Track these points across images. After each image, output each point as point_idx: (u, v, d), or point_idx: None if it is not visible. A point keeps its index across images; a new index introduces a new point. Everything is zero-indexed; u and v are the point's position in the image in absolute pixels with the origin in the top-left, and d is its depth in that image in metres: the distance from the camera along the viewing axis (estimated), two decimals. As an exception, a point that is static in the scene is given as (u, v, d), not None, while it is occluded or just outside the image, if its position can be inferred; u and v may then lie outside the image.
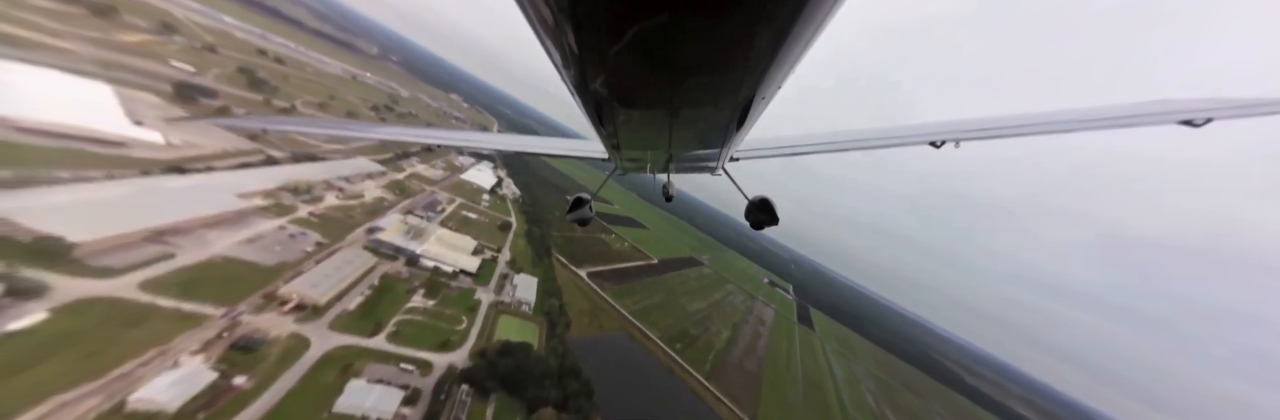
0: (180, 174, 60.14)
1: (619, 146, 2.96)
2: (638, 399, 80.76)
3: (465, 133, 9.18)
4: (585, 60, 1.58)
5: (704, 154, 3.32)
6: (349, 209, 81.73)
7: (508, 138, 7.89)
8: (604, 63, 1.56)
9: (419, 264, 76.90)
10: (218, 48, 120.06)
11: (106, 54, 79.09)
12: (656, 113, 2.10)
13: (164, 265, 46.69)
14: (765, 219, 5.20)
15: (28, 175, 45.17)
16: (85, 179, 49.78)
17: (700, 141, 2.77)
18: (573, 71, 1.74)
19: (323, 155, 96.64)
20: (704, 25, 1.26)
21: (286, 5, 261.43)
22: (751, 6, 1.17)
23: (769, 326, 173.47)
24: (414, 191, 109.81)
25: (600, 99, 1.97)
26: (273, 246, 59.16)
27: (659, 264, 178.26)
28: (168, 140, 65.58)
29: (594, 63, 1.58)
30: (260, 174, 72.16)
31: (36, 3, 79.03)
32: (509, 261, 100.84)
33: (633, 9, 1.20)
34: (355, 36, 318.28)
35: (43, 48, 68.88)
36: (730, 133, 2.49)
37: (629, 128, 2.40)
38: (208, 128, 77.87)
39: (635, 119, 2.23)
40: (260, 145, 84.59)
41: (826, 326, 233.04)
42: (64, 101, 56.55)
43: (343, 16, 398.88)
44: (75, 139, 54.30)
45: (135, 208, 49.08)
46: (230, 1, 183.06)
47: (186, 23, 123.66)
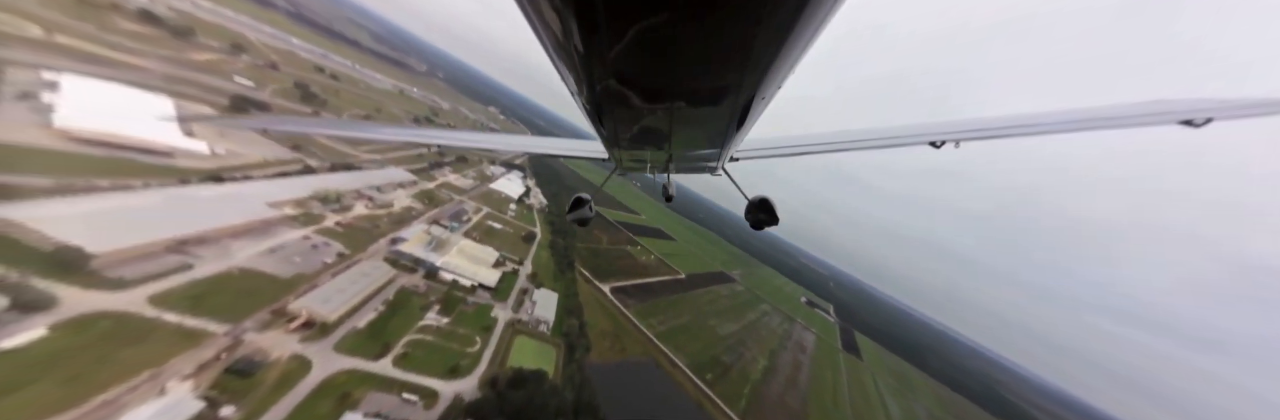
0: (217, 183, 60.95)
1: (619, 146, 2.94)
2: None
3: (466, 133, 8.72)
4: (585, 60, 1.57)
5: (704, 154, 3.29)
6: (376, 218, 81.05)
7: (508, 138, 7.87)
8: (604, 62, 1.55)
9: (438, 277, 73.65)
10: (280, 65, 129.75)
11: (176, 70, 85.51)
12: (656, 112, 2.09)
13: (180, 277, 45.30)
14: (765, 219, 5.06)
15: (67, 184, 45.98)
16: (124, 188, 50.55)
17: (700, 141, 2.74)
18: (572, 71, 1.73)
19: (359, 165, 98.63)
20: (704, 25, 1.26)
21: (350, 28, 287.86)
22: (751, 6, 1.17)
23: (810, 354, 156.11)
24: (443, 201, 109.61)
25: (600, 99, 1.95)
26: (293, 258, 57.64)
27: (687, 279, 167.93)
28: (213, 150, 67.70)
29: (594, 62, 1.57)
30: (295, 183, 72.93)
31: (125, 27, 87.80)
32: (530, 275, 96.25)
33: (632, 8, 1.20)
34: (406, 55, 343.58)
35: (120, 65, 75.05)
36: (730, 133, 2.49)
37: (629, 127, 2.38)
38: (253, 138, 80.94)
39: (635, 119, 2.21)
40: (301, 155, 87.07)
41: (876, 355, 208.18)
42: (124, 113, 59.47)
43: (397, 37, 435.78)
44: (125, 149, 56.29)
45: (164, 217, 48.83)
46: (298, 25, 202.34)
47: (256, 44, 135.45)
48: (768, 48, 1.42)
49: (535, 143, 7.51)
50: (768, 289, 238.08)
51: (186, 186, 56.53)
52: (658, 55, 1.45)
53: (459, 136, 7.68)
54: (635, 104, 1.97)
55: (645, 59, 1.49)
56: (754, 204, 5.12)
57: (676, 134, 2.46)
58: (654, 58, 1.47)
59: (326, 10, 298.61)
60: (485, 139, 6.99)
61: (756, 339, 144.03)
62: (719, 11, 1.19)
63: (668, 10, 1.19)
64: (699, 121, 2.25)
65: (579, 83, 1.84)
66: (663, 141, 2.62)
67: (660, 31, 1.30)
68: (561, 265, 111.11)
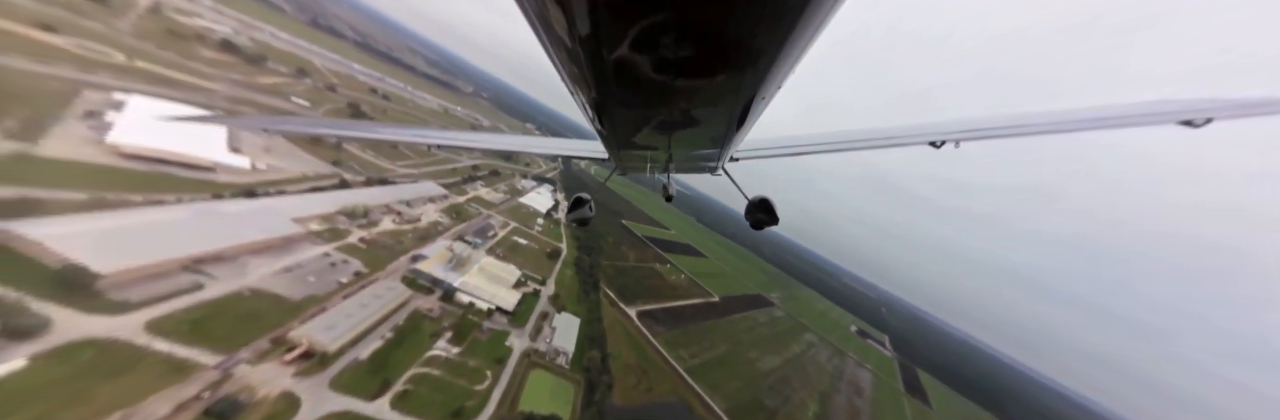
0: (249, 198, 60.85)
1: (619, 146, 2.91)
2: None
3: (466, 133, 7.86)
4: (585, 60, 1.57)
5: (704, 154, 3.28)
6: (401, 234, 78.98)
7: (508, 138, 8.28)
8: (604, 63, 1.54)
9: (454, 299, 68.62)
10: (338, 88, 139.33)
11: (240, 92, 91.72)
12: (657, 113, 2.09)
13: (186, 298, 42.75)
14: (765, 219, 5.05)
15: (100, 199, 46.03)
16: (155, 203, 50.49)
17: (700, 141, 2.74)
18: (572, 71, 1.73)
19: (394, 179, 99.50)
20: (704, 25, 1.26)
21: (407, 55, 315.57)
22: (751, 7, 1.16)
23: (869, 398, 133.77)
24: (470, 215, 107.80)
25: (600, 99, 1.96)
26: (308, 277, 54.81)
27: (721, 303, 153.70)
28: (254, 165, 69.03)
29: (594, 62, 1.57)
30: (327, 198, 72.64)
31: (204, 54, 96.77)
32: (552, 297, 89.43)
33: (632, 9, 1.20)
34: (455, 78, 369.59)
35: (189, 87, 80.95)
36: (730, 133, 2.50)
37: (629, 127, 2.38)
38: (296, 153, 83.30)
39: (635, 119, 2.22)
40: (339, 170, 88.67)
41: (947, 400, 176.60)
42: (178, 131, 61.92)
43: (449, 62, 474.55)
44: (169, 164, 57.61)
45: (187, 233, 47.61)
46: (362, 53, 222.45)
47: (320, 69, 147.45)
48: (768, 48, 1.42)
49: (535, 143, 7.58)
50: (811, 315, 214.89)
51: (218, 201, 56.35)
52: (657, 56, 1.44)
53: (459, 137, 7.45)
54: (635, 104, 1.95)
55: (645, 59, 1.48)
56: (754, 204, 5.04)
57: (676, 134, 2.44)
58: (654, 58, 1.46)
59: (388, 40, 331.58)
60: (485, 139, 6.90)
61: (803, 377, 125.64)
62: (719, 12, 1.19)
63: (667, 11, 1.19)
64: (699, 122, 2.22)
65: (579, 83, 1.83)
66: (663, 141, 2.60)
67: (660, 32, 1.29)
68: (586, 285, 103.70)
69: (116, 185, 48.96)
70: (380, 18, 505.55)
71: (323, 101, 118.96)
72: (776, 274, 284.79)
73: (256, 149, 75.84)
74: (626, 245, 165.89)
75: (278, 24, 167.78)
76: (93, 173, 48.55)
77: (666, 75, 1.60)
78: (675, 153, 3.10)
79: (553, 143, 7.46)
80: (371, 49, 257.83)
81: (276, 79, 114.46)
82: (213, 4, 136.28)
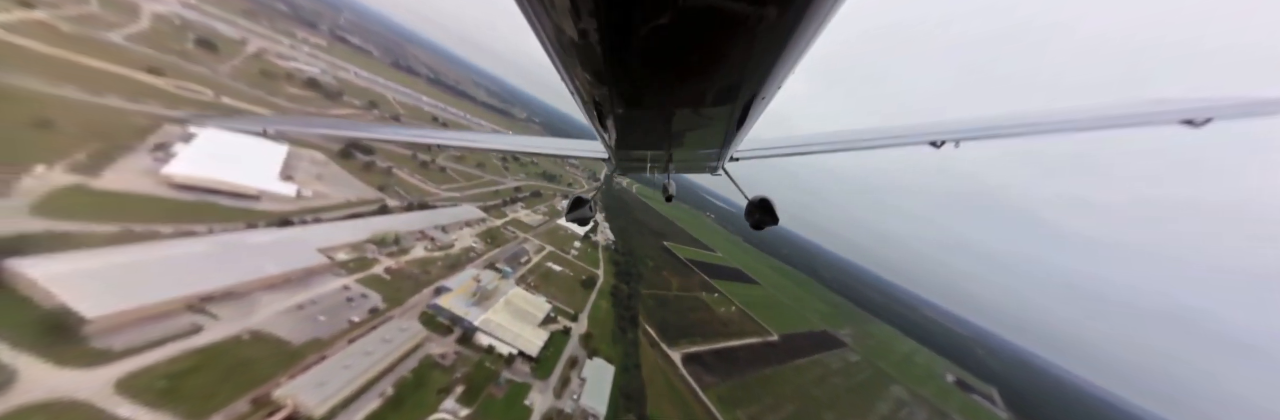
0: (280, 227, 59.01)
1: (619, 146, 2.96)
2: None
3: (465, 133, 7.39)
4: (585, 60, 1.56)
5: (704, 154, 3.30)
6: (430, 262, 73.99)
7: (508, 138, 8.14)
8: (604, 63, 1.53)
9: (473, 341, 59.70)
10: (402, 117, 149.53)
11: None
12: (656, 113, 2.09)
13: (176, 345, 37.84)
14: (765, 219, 4.98)
15: (128, 231, 44.75)
16: (185, 234, 48.95)
17: (700, 141, 2.75)
18: (572, 71, 1.73)
19: (435, 203, 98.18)
20: (704, 25, 1.24)
21: (470, 87, 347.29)
22: (751, 6, 1.16)
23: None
24: (506, 240, 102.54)
25: (600, 99, 1.96)
26: (318, 316, 49.27)
27: (782, 343, 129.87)
28: (299, 193, 69.04)
29: (593, 62, 1.56)
30: (361, 225, 70.22)
31: (289, 91, 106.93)
32: (583, 336, 77.56)
33: (632, 9, 1.19)
34: (511, 105, 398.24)
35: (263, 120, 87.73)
36: (730, 133, 2.50)
37: (629, 128, 2.39)
38: (347, 180, 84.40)
39: (635, 119, 2.21)
40: (385, 195, 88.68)
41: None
42: (234, 161, 63.66)
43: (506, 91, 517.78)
44: (217, 193, 57.83)
45: (204, 268, 44.47)
46: (430, 87, 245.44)
47: (391, 101, 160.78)
48: (768, 48, 1.40)
49: (535, 143, 7.19)
50: (893, 359, 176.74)
51: (249, 232, 54.45)
52: (658, 56, 1.43)
53: (458, 137, 7.09)
54: (636, 104, 1.94)
55: (645, 59, 1.47)
56: (754, 204, 4.94)
57: (677, 134, 2.44)
58: (654, 58, 1.45)
59: (456, 75, 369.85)
60: (485, 139, 6.54)
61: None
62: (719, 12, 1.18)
63: (667, 11, 1.18)
64: (699, 121, 2.22)
65: (579, 83, 1.82)
66: (663, 141, 2.61)
67: (660, 32, 1.28)
68: (623, 321, 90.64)
69: (153, 216, 48.26)
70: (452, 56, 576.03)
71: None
72: (842, 304, 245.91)
73: (309, 176, 77.35)
74: (669, 270, 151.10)
75: (364, 65, 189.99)
76: (136, 204, 48.47)
77: (666, 75, 1.59)
78: (675, 153, 3.07)
79: (552, 143, 6.90)
80: (441, 83, 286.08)
81: (348, 110, 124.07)
82: (310, 50, 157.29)
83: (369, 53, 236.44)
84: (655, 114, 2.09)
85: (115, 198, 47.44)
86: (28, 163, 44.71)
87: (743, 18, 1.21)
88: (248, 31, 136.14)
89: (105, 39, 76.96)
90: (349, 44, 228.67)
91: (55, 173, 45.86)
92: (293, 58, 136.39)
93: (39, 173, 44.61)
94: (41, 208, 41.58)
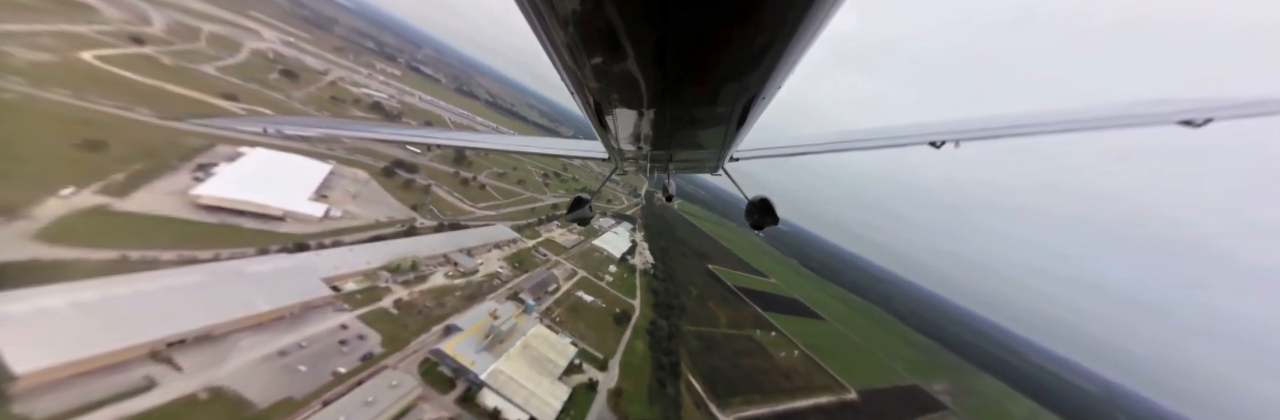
0: (296, 252, 54.11)
1: (619, 146, 2.96)
2: None
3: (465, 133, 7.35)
4: (585, 59, 1.55)
5: (704, 154, 3.31)
6: (448, 292, 65.83)
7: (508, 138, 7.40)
8: (604, 62, 1.53)
9: (477, 400, 48.22)
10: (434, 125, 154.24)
11: (367, 143, 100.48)
12: (657, 113, 2.08)
13: (111, 411, 30.71)
14: (765, 219, 4.95)
15: (125, 259, 40.75)
16: (187, 261, 44.58)
17: (701, 141, 2.76)
18: (573, 71, 1.73)
19: (466, 223, 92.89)
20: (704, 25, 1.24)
21: (524, 108, 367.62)
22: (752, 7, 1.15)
23: None
24: (536, 264, 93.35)
25: (600, 99, 1.96)
26: (299, 366, 41.16)
27: (862, 402, 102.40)
28: (328, 213, 65.70)
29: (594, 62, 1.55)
30: (383, 249, 64.55)
31: (353, 113, 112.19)
32: (612, 392, 62.87)
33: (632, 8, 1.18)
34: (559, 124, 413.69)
35: (325, 140, 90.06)
36: (731, 133, 2.50)
37: (629, 128, 2.39)
38: (381, 198, 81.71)
39: (636, 119, 2.21)
40: (417, 214, 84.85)
41: None
42: (271, 180, 62.01)
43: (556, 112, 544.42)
44: (241, 214, 54.93)
45: (188, 304, 38.73)
46: (488, 109, 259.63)
47: (447, 121, 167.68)
48: (769, 48, 1.39)
49: (536, 143, 6.98)
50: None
51: (257, 259, 49.64)
52: (658, 56, 1.43)
53: (457, 137, 7.09)
54: (636, 104, 1.94)
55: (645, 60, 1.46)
56: (754, 204, 4.94)
57: (677, 134, 2.43)
58: (654, 58, 1.45)
59: (513, 98, 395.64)
60: (484, 139, 6.42)
61: None
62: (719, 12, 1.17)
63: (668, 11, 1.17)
64: (700, 122, 2.22)
65: (580, 83, 1.83)
66: (663, 141, 2.61)
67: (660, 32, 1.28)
68: (661, 371, 74.39)
69: (162, 241, 44.72)
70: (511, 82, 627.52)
71: (435, 149, 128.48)
72: (928, 347, 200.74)
73: (344, 195, 75.19)
74: (716, 301, 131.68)
75: (429, 91, 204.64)
76: (152, 227, 45.51)
77: (667, 76, 1.57)
78: (676, 153, 3.07)
79: (553, 143, 6.91)
80: (498, 106, 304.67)
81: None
82: (384, 78, 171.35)
83: (437, 81, 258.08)
84: (655, 114, 2.06)
85: (133, 220, 44.80)
86: (61, 184, 43.56)
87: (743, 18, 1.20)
88: (332, 64, 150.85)
89: (198, 70, 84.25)
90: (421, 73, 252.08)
91: (83, 194, 44.32)
92: (365, 85, 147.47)
93: (65, 194, 43.07)
94: (47, 232, 38.86)
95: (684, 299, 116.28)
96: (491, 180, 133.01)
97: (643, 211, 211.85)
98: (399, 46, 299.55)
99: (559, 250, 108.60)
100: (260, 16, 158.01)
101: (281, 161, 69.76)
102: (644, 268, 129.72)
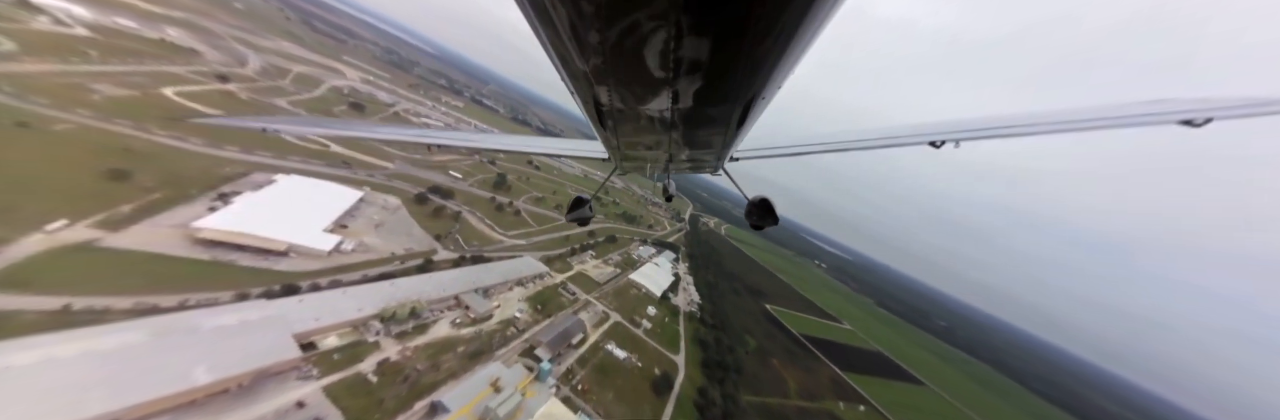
0: (277, 297, 45.94)
1: (619, 146, 2.97)
2: None
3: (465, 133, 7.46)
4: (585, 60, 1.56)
5: (704, 154, 3.35)
6: (451, 346, 53.59)
7: (508, 138, 7.09)
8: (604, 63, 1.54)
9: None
10: (499, 160, 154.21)
11: (406, 169, 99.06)
12: (657, 113, 2.09)
13: None
14: (766, 219, 4.97)
15: (66, 311, 33.90)
16: (144, 310, 37.27)
17: (701, 141, 2.76)
18: (573, 71, 1.74)
19: (490, 254, 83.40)
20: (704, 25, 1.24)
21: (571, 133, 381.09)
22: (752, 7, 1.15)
23: None
24: (561, 305, 79.46)
25: (600, 99, 1.97)
26: (214, 471, 29.62)
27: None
28: (339, 246, 59.07)
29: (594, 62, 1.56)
30: (386, 289, 55.32)
31: None
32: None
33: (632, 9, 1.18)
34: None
35: (366, 166, 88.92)
36: (730, 132, 2.51)
37: (630, 128, 2.38)
38: (404, 229, 75.51)
39: (636, 119, 2.22)
40: (440, 244, 77.21)
41: None
42: (291, 209, 57.35)
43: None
44: (239, 249, 49.00)
45: (104, 376, 30.03)
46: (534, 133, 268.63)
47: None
48: (768, 48, 1.39)
49: (536, 143, 7.04)
50: None
51: (228, 307, 41.64)
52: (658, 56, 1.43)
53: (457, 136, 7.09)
54: (636, 105, 1.95)
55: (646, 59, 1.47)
56: (754, 204, 4.96)
57: (677, 134, 2.43)
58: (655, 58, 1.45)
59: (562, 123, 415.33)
60: (485, 139, 6.46)
61: None
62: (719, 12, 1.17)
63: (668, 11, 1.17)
64: (700, 122, 2.23)
65: (580, 83, 1.83)
66: (664, 142, 2.62)
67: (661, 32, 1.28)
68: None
69: (129, 286, 38.25)
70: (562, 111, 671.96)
71: (476, 173, 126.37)
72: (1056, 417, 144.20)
73: (367, 225, 69.65)
74: (780, 356, 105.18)
75: (486, 120, 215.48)
76: (129, 267, 39.70)
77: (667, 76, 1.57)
78: (676, 153, 3.08)
79: (553, 143, 6.99)
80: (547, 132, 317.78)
81: (452, 156, 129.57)
82: (446, 110, 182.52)
83: (496, 111, 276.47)
84: (656, 114, 2.06)
85: (113, 259, 39.43)
86: (58, 217, 39.92)
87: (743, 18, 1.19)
88: (401, 97, 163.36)
89: (270, 103, 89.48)
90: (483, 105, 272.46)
91: (75, 228, 40.23)
92: (426, 115, 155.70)
93: (53, 228, 39.02)
94: (8, 274, 33.54)
95: (740, 354, 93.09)
96: (528, 205, 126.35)
97: (687, 238, 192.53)
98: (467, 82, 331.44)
99: (590, 286, 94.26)
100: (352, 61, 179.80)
101: (310, 189, 66.43)
102: (689, 309, 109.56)
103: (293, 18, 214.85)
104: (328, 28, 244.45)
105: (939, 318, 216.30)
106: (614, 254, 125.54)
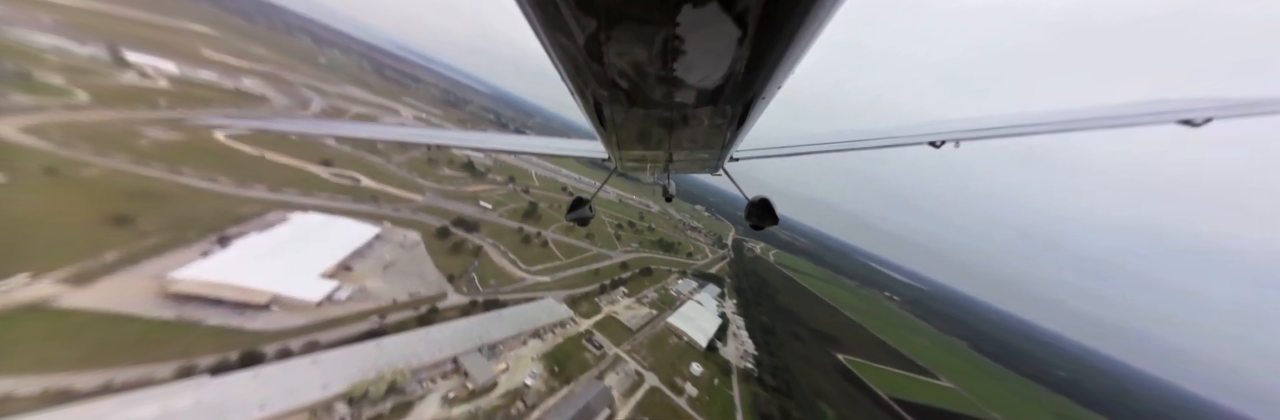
0: (228, 371, 37.04)
1: (619, 146, 2.98)
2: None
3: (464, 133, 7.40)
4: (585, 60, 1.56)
5: (704, 154, 3.37)
6: (435, 434, 40.93)
7: (508, 138, 7.00)
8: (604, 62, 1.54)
9: None
10: (532, 189, 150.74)
11: (435, 201, 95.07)
12: (657, 112, 2.09)
13: None
14: (765, 220, 4.98)
15: None
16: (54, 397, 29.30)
17: (701, 141, 2.77)
18: (574, 72, 1.74)
19: (506, 298, 72.51)
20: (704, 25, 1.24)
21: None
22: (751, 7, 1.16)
23: None
24: (585, 365, 64.64)
25: (600, 99, 1.96)
26: None
27: None
28: (330, 295, 51.36)
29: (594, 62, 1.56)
30: (371, 352, 45.36)
31: (443, 172, 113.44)
32: None
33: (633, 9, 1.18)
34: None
35: (395, 199, 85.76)
36: (731, 133, 2.53)
37: (629, 127, 2.38)
38: (415, 270, 67.65)
39: (636, 119, 2.22)
40: (452, 286, 68.14)
41: None
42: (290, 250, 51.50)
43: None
44: (216, 304, 42.19)
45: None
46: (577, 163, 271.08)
47: (531, 174, 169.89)
48: (768, 48, 1.39)
49: (535, 143, 6.87)
50: None
51: (158, 388, 32.90)
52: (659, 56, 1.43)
53: (456, 136, 6.92)
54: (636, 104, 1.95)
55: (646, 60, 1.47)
56: (754, 204, 4.98)
57: (677, 134, 2.46)
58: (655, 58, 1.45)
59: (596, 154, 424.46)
60: (485, 139, 6.36)
61: None
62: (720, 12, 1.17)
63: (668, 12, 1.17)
64: (700, 122, 2.23)
65: (580, 83, 1.83)
66: (664, 141, 2.64)
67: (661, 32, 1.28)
68: None
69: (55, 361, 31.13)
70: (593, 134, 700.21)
71: (507, 202, 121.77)
72: None
73: (375, 265, 62.53)
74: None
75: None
76: (73, 333, 33.19)
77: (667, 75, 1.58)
78: (676, 152, 3.09)
79: (553, 143, 6.71)
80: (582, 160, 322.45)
81: (487, 186, 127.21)
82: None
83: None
84: (655, 114, 2.06)
85: (61, 323, 33.42)
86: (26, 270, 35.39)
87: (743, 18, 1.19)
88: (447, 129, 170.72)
89: (317, 141, 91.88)
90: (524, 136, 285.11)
91: (38, 284, 35.33)
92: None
93: (13, 284, 34.15)
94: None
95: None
96: (557, 234, 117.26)
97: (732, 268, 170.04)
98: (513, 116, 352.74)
99: (621, 334, 78.71)
100: (411, 101, 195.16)
101: (322, 227, 61.59)
102: (743, 364, 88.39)
103: (366, 68, 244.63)
104: (396, 75, 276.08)
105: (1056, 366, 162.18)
106: (649, 290, 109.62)
